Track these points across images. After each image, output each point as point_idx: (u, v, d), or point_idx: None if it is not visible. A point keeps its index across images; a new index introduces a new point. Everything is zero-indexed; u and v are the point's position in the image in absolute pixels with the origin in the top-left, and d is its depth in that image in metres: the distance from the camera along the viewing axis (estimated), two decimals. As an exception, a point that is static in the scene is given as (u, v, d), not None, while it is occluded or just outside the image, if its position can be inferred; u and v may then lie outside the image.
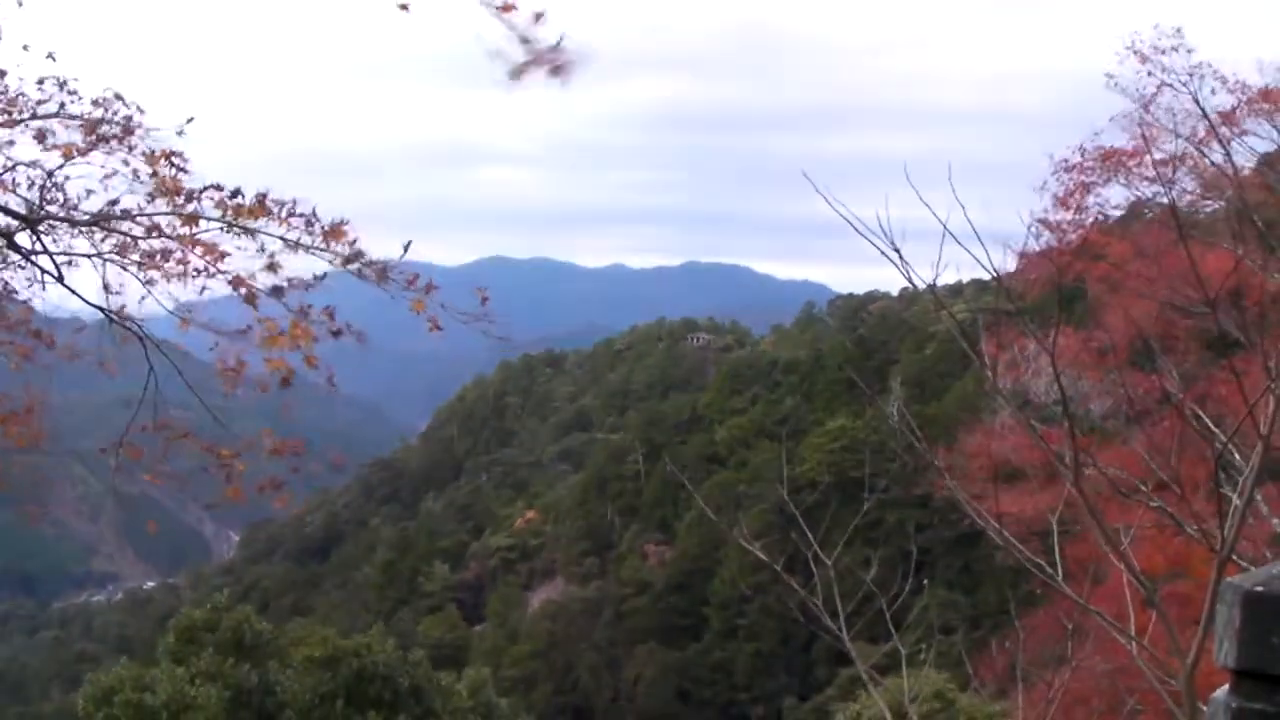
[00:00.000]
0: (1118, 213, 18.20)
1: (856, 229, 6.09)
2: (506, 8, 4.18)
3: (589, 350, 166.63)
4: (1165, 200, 17.13)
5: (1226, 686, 2.89)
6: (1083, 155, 17.02)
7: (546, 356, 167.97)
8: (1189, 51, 16.10)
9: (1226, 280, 9.43)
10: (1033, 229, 16.71)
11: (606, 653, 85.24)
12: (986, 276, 6.56)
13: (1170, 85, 16.08)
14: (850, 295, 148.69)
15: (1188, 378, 14.05)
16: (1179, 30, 16.19)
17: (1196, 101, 15.93)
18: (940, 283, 6.37)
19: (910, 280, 6.37)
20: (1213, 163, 16.40)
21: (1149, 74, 16.14)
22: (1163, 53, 16.09)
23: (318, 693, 17.90)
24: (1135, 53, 16.16)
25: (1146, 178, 16.80)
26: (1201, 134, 16.20)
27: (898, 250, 6.14)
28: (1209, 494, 7.59)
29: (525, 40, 4.19)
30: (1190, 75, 16.02)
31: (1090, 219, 17.55)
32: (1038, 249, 17.12)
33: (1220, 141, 16.19)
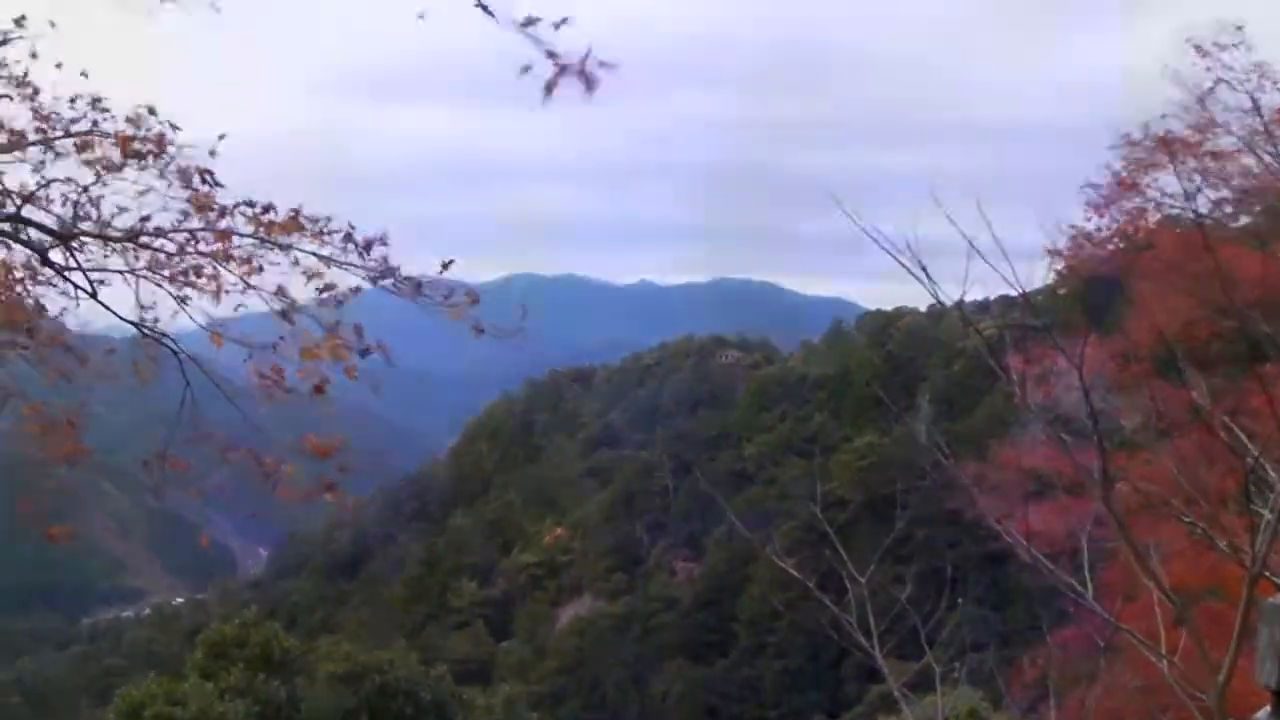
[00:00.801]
0: (1166, 208, 18.09)
1: (883, 247, 6.07)
2: (530, 22, 4.20)
3: (617, 366, 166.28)
4: (1204, 203, 17.04)
5: (1268, 707, 2.86)
6: (1145, 134, 16.92)
7: (574, 373, 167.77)
8: (1248, 50, 16.01)
9: (1260, 284, 9.33)
10: (1084, 211, 16.64)
11: (634, 669, 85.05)
12: (1014, 293, 6.51)
13: (1227, 81, 15.97)
14: (878, 311, 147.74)
15: (1217, 390, 13.93)
16: (1239, 28, 16.07)
17: (1252, 99, 15.81)
18: (968, 298, 6.33)
19: (937, 298, 6.34)
20: (1264, 160, 16.25)
21: (1207, 69, 16.03)
22: (1223, 49, 15.98)
23: (341, 708, 17.98)
24: (1195, 46, 16.03)
25: (1196, 170, 16.63)
26: (1261, 128, 16.06)
27: (924, 267, 6.11)
28: (1240, 508, 7.51)
29: (552, 55, 4.20)
30: (1248, 74, 15.91)
31: (1147, 202, 17.47)
32: (1088, 232, 17.03)
33: (1273, 139, 16.05)
